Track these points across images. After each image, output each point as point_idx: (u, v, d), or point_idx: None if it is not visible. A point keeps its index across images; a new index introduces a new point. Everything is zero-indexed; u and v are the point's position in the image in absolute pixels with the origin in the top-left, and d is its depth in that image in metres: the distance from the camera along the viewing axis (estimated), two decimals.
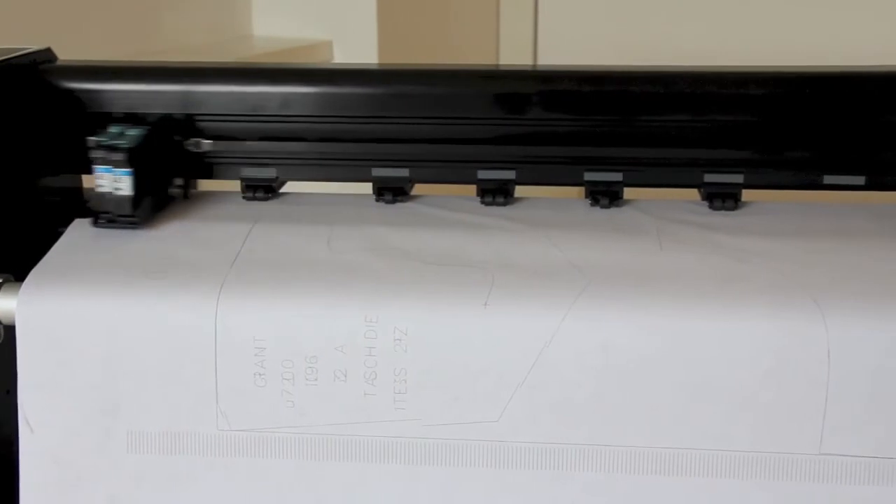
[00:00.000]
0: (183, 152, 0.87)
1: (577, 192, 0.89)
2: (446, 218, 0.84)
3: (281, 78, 0.89)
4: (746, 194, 0.86)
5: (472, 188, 0.88)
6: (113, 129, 0.82)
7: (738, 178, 0.85)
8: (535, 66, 1.45)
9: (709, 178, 0.85)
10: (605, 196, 0.85)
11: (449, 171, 0.88)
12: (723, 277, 0.73)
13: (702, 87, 0.85)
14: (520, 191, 0.89)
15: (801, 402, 0.69)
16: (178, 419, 0.73)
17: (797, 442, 0.70)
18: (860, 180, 0.83)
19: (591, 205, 0.86)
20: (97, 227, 0.81)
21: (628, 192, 0.87)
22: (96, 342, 0.73)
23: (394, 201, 0.87)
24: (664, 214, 0.84)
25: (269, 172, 0.88)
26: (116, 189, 0.81)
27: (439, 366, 0.71)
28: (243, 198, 0.88)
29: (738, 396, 0.70)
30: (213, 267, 0.75)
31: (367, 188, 0.88)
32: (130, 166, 0.80)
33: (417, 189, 0.90)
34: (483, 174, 0.87)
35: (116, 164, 0.80)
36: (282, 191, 0.90)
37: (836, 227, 0.82)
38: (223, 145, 0.88)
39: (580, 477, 0.71)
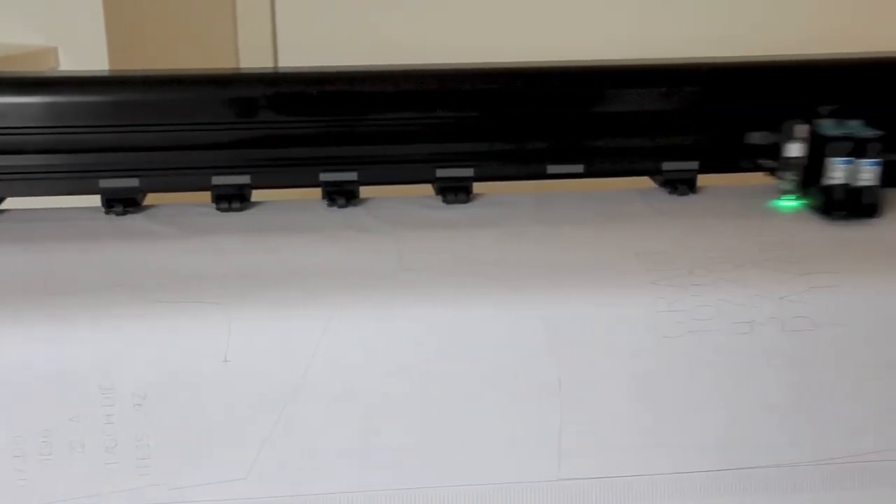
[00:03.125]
0: None
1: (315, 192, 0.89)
2: (177, 234, 0.81)
3: None
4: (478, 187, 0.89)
5: (208, 195, 0.86)
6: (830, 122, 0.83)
7: (469, 172, 0.87)
8: (275, 68, 1.44)
9: (441, 172, 0.87)
10: (341, 196, 0.86)
11: (182, 179, 0.86)
12: (458, 295, 0.72)
13: (430, 85, 0.88)
14: (256, 195, 0.88)
15: (537, 429, 0.72)
16: None
17: (537, 470, 0.72)
18: (579, 168, 0.88)
19: (329, 205, 0.86)
20: (833, 220, 0.81)
21: (365, 191, 0.88)
22: None
23: (124, 213, 0.84)
24: (399, 215, 0.85)
25: None
26: (860, 180, 0.81)
27: (182, 427, 0.68)
28: None
29: (477, 430, 0.71)
30: None
31: (96, 200, 0.85)
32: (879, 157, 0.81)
33: (151, 198, 0.87)
34: (218, 180, 0.86)
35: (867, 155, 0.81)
36: (2, 208, 0.85)
37: (559, 215, 0.86)
38: None
39: None
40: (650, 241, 0.79)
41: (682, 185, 0.89)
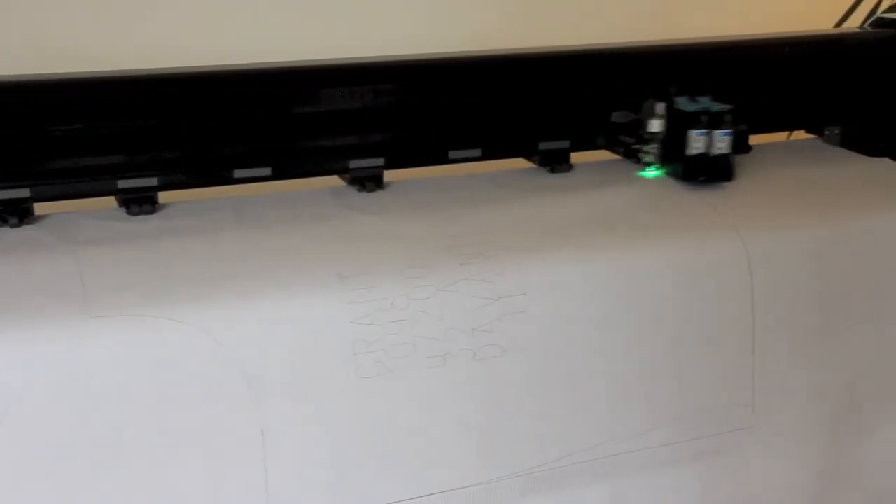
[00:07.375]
0: None
1: None
2: None
3: None
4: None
5: None
6: (684, 98, 0.93)
7: (153, 182, 0.84)
8: None
9: (122, 184, 0.83)
10: (13, 215, 0.80)
11: None
12: (154, 342, 0.70)
13: (110, 93, 0.83)
14: None
15: (244, 483, 0.72)
16: None
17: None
18: (267, 171, 0.88)
19: (1, 226, 0.80)
20: (697, 184, 0.91)
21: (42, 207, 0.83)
22: None
23: None
24: (80, 230, 0.80)
25: None
26: (718, 149, 0.91)
27: None
28: None
29: (185, 493, 0.71)
30: None
31: None
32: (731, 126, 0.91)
33: None
34: None
35: (721, 126, 0.91)
36: None
37: (255, 222, 0.84)
38: None
39: None
40: (345, 255, 0.79)
41: (370, 182, 0.91)
